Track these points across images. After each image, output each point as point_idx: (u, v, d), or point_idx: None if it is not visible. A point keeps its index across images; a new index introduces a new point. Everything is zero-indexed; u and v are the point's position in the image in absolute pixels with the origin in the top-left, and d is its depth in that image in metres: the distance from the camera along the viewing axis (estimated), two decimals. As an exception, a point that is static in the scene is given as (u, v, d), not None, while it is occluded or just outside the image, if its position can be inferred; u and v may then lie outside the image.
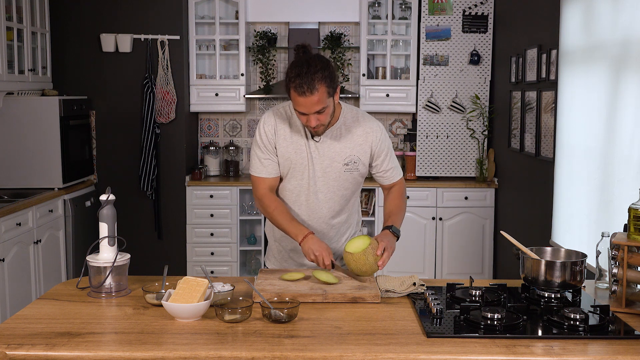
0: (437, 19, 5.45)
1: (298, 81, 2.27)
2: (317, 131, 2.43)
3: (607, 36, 3.23)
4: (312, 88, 2.27)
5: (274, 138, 2.50)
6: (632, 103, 2.95)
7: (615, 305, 2.08)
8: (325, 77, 2.30)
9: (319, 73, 2.29)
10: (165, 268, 2.26)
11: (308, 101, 2.29)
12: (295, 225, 2.46)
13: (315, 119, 2.34)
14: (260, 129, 2.51)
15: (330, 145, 2.50)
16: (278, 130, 2.50)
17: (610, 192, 3.15)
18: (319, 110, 2.33)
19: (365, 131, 2.52)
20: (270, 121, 2.51)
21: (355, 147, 2.51)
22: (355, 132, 2.51)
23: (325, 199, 2.55)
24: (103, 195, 2.22)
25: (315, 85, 2.27)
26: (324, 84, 2.29)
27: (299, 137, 2.50)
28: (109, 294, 2.18)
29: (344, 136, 2.50)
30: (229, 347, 1.76)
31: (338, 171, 2.51)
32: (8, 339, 1.80)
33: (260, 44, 5.60)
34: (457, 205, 5.44)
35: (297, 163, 2.51)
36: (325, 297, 2.14)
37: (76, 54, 5.37)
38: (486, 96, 5.51)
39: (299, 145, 2.50)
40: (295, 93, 2.30)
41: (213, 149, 5.78)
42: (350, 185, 2.56)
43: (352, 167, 2.52)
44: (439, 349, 1.76)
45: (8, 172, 4.77)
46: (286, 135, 2.50)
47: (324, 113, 2.36)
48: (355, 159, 2.51)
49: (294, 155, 2.50)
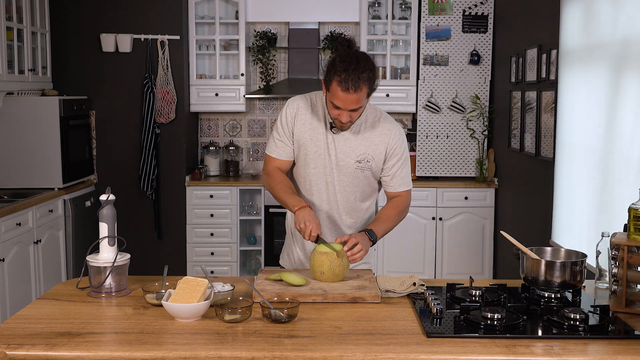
0: (437, 19, 5.45)
1: (344, 76, 2.27)
2: (343, 127, 2.42)
3: (607, 36, 3.23)
4: (357, 87, 2.27)
5: (293, 121, 2.51)
6: (632, 103, 2.95)
7: (615, 305, 2.08)
8: (370, 79, 2.31)
9: (365, 73, 2.29)
10: (165, 268, 2.26)
11: (349, 98, 2.29)
12: (295, 198, 2.46)
13: (347, 115, 2.35)
14: (283, 112, 2.54)
15: (347, 139, 2.49)
16: (299, 114, 2.51)
17: (610, 192, 3.15)
18: (354, 109, 2.34)
19: (384, 132, 2.51)
20: (294, 105, 2.53)
21: (371, 146, 2.50)
22: (375, 131, 2.50)
23: (340, 190, 2.53)
24: (103, 195, 2.22)
25: (360, 84, 2.27)
26: (367, 85, 2.30)
27: (317, 125, 2.50)
28: (109, 294, 2.18)
29: (362, 133, 2.49)
30: (229, 347, 1.76)
31: (350, 167, 2.50)
32: (8, 339, 1.80)
33: (260, 44, 5.60)
34: (457, 205, 5.44)
35: (311, 151, 2.51)
36: (325, 297, 2.14)
37: (76, 54, 5.37)
38: (486, 96, 5.51)
39: (316, 133, 2.50)
40: (338, 87, 2.29)
41: (213, 149, 5.78)
42: (362, 184, 2.54)
43: (365, 165, 2.50)
44: (439, 349, 1.76)
45: (8, 172, 4.77)
46: (305, 121, 2.51)
47: (357, 111, 2.37)
48: (369, 157, 2.50)
49: (309, 141, 2.50)
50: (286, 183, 2.53)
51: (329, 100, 2.37)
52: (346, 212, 2.58)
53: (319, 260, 2.27)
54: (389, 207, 2.57)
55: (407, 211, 2.61)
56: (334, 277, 2.27)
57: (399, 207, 2.57)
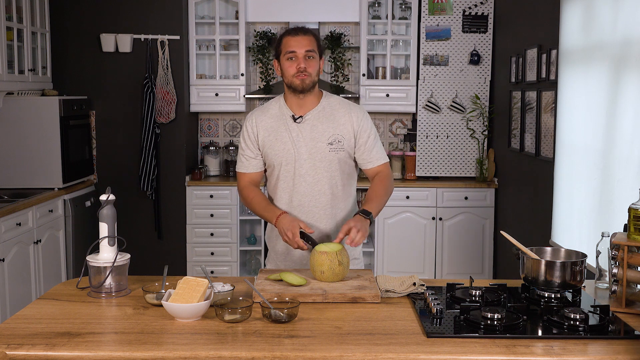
0: (437, 19, 5.45)
1: (292, 29, 2.52)
2: (304, 80, 2.49)
3: (607, 36, 3.23)
4: (305, 32, 2.51)
5: (256, 132, 2.59)
6: (632, 103, 2.95)
7: (615, 305, 2.08)
8: (317, 35, 2.55)
9: (311, 29, 2.56)
10: (165, 268, 2.26)
11: (301, 40, 2.48)
12: (270, 210, 2.53)
13: (304, 61, 2.47)
14: (243, 128, 2.65)
15: (314, 126, 2.56)
16: (259, 123, 2.60)
17: (610, 192, 3.15)
18: (309, 54, 2.48)
19: (348, 111, 2.59)
20: (251, 117, 2.64)
21: (339, 127, 2.56)
22: (338, 112, 2.59)
23: (314, 181, 2.56)
24: (103, 195, 2.22)
25: (307, 32, 2.51)
26: (315, 36, 2.52)
27: (279, 125, 2.58)
28: (109, 294, 2.18)
29: (327, 117, 2.57)
30: (229, 347, 1.76)
31: (323, 151, 2.55)
32: (8, 339, 1.80)
33: (260, 44, 5.60)
34: (457, 205, 5.44)
35: (279, 149, 2.56)
36: (325, 297, 2.14)
37: (76, 54, 5.37)
38: (486, 96, 5.51)
39: (279, 132, 2.57)
40: (289, 36, 2.50)
41: (213, 149, 5.78)
42: (338, 167, 2.57)
43: (337, 146, 2.55)
44: (439, 349, 1.76)
45: (8, 172, 4.77)
46: (266, 126, 2.59)
47: (312, 60, 2.50)
48: (340, 137, 2.55)
49: (275, 142, 2.56)
50: (260, 197, 2.61)
51: (283, 58, 2.50)
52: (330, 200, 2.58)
53: (319, 259, 2.27)
54: (375, 184, 2.60)
55: (392, 185, 2.65)
56: (334, 277, 2.27)
57: (384, 182, 2.60)
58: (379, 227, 5.43)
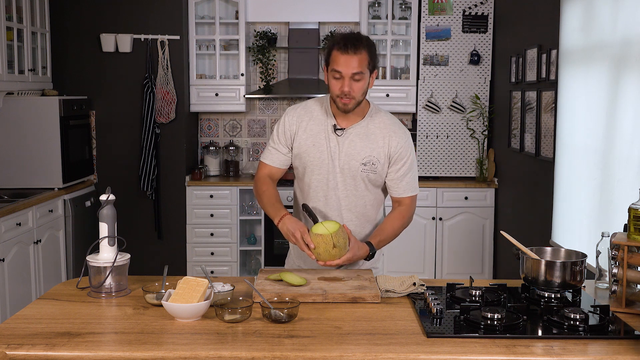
0: (437, 19, 5.45)
1: (343, 42, 2.31)
2: (346, 104, 2.37)
3: (607, 36, 3.23)
4: (356, 48, 2.30)
5: (295, 130, 2.50)
6: (632, 103, 2.95)
7: (615, 305, 2.08)
8: (371, 46, 2.35)
9: (365, 40, 2.35)
10: (165, 268, 2.26)
11: (349, 60, 2.30)
12: (276, 208, 2.46)
13: (349, 83, 2.33)
14: (282, 120, 2.54)
15: (352, 141, 2.47)
16: (301, 122, 2.50)
17: (610, 192, 3.15)
18: (355, 77, 2.32)
19: (389, 133, 2.48)
20: (294, 113, 2.52)
21: (376, 149, 2.47)
22: (379, 133, 2.48)
23: (344, 196, 2.50)
24: (103, 195, 2.22)
25: (359, 46, 2.30)
26: (367, 50, 2.33)
27: (319, 130, 2.48)
28: (109, 294, 2.18)
29: (367, 136, 2.47)
30: (229, 347, 1.76)
31: (355, 170, 2.47)
32: (8, 339, 1.80)
33: (260, 44, 5.60)
34: (457, 205, 5.44)
35: (314, 157, 2.48)
36: (325, 297, 2.14)
37: (76, 54, 5.37)
38: (486, 96, 5.51)
39: (318, 138, 2.48)
40: (337, 52, 2.31)
41: (213, 149, 5.78)
42: (367, 189, 2.51)
43: (370, 168, 2.47)
44: (439, 349, 1.76)
45: (8, 172, 4.77)
46: (307, 128, 2.49)
47: (359, 82, 2.34)
48: (374, 160, 2.47)
49: (311, 148, 2.48)
50: (271, 192, 2.53)
51: (330, 73, 2.36)
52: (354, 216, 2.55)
53: (314, 241, 2.29)
54: (395, 217, 2.53)
55: (411, 219, 2.58)
56: (330, 257, 2.29)
57: (404, 217, 2.55)
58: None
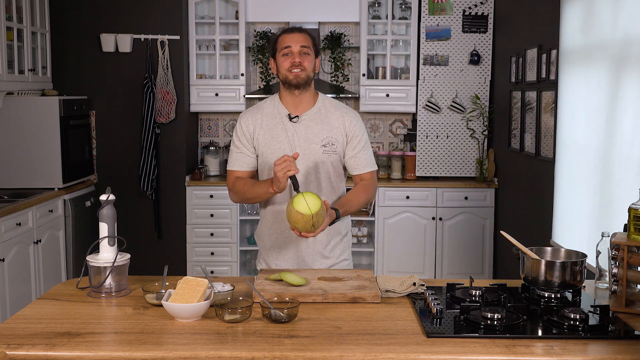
0: (437, 19, 5.45)
1: (288, 28, 2.58)
2: (298, 75, 2.50)
3: (607, 36, 3.23)
4: (301, 31, 2.55)
5: (252, 128, 2.59)
6: (632, 103, 2.95)
7: (615, 305, 2.08)
8: (313, 35, 2.58)
9: (307, 29, 2.59)
10: (165, 268, 2.26)
11: (296, 36, 2.52)
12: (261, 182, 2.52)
13: (299, 56, 2.49)
14: (237, 125, 2.65)
15: (309, 126, 2.57)
16: (255, 121, 2.60)
17: (610, 192, 3.15)
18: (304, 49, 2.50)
19: (342, 114, 2.61)
20: (246, 115, 2.64)
21: (333, 129, 2.58)
22: (333, 115, 2.60)
23: (306, 182, 2.56)
24: (103, 195, 2.22)
25: (303, 31, 2.55)
26: (310, 35, 2.55)
27: (275, 123, 2.58)
28: (109, 294, 2.18)
29: (321, 119, 2.58)
30: (229, 347, 1.76)
31: (316, 153, 2.56)
32: (8, 339, 1.80)
33: (260, 44, 5.60)
34: (457, 205, 5.44)
35: (275, 148, 2.56)
36: (325, 297, 2.14)
37: (76, 54, 5.37)
38: (486, 96, 5.51)
39: (275, 130, 2.57)
40: (284, 34, 2.54)
41: (213, 149, 5.78)
42: (329, 170, 2.58)
43: (330, 148, 2.57)
44: (439, 349, 1.76)
45: (8, 172, 4.77)
46: (262, 123, 2.60)
47: (308, 56, 2.52)
48: (333, 140, 2.57)
49: (271, 141, 2.57)
50: (250, 182, 2.59)
51: (279, 54, 2.53)
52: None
53: (295, 217, 2.27)
54: (358, 191, 2.60)
55: (374, 194, 2.67)
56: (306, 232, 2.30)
57: (367, 191, 2.62)
58: (378, 227, 5.43)
